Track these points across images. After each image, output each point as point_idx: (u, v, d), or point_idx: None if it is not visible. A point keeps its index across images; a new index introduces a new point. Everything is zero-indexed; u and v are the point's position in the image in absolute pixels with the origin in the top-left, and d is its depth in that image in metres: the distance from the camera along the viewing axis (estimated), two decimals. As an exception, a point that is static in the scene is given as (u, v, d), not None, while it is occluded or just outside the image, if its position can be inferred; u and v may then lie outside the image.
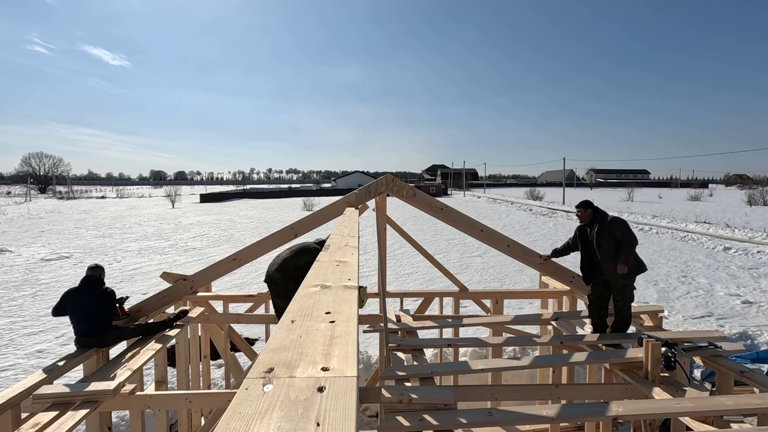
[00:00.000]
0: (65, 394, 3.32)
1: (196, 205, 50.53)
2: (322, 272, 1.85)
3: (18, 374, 7.09)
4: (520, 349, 6.86)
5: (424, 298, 6.39)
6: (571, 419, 3.21)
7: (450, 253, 17.70)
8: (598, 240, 4.63)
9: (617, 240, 4.54)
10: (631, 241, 4.52)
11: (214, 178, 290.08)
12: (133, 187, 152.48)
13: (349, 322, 1.21)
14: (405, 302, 6.39)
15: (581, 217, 4.81)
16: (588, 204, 4.81)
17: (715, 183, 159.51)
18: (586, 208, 4.78)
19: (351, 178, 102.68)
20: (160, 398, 4.06)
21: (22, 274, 14.43)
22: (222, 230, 26.07)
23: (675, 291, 12.16)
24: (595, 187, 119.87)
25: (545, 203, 50.58)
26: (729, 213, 36.69)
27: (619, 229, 4.56)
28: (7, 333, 9.00)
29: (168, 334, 4.75)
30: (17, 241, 21.75)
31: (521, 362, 4.14)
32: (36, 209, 43.48)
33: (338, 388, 0.83)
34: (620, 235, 4.53)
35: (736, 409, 2.96)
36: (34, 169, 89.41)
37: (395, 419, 2.76)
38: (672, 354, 3.75)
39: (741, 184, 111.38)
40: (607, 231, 4.59)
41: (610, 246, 4.56)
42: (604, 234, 4.60)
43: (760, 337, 8.16)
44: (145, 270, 15.03)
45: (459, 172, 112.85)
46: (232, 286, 12.45)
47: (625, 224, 4.63)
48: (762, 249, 18.17)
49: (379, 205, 5.73)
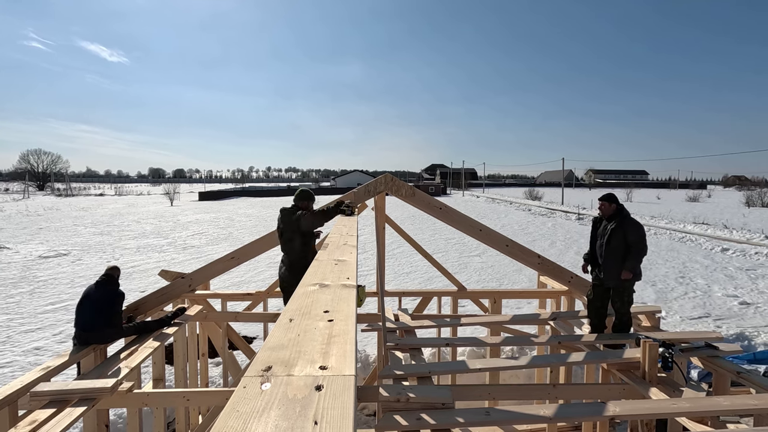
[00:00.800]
0: (63, 391, 3.31)
1: (195, 203, 50.47)
2: (321, 271, 1.85)
3: (15, 371, 7.08)
4: (518, 349, 6.87)
5: (422, 298, 6.40)
6: (568, 419, 3.22)
7: (449, 253, 17.71)
8: (610, 236, 4.53)
9: (629, 243, 4.45)
10: (641, 250, 4.44)
11: (213, 176, 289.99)
12: (132, 184, 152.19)
13: (347, 321, 1.21)
14: (403, 301, 6.39)
15: (604, 210, 4.67)
16: (613, 198, 4.67)
17: (714, 184, 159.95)
18: (611, 202, 4.64)
19: (350, 177, 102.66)
20: (158, 396, 4.06)
21: (19, 271, 14.40)
22: (221, 228, 26.04)
23: (673, 292, 12.19)
24: (594, 187, 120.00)
25: (544, 203, 50.63)
26: (727, 214, 36.77)
27: (635, 234, 4.46)
28: (4, 330, 8.98)
29: (166, 332, 4.74)
30: (15, 238, 21.70)
31: (519, 362, 4.15)
32: (34, 206, 43.39)
33: (336, 387, 0.83)
34: (634, 241, 4.44)
35: (733, 409, 2.97)
36: (33, 166, 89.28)
37: (393, 418, 2.76)
38: (669, 354, 3.76)
39: (739, 186, 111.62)
40: (623, 231, 4.48)
41: (620, 245, 4.47)
42: (618, 232, 4.50)
43: (757, 338, 8.18)
44: (143, 268, 15.01)
45: (458, 171, 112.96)
46: (231, 285, 12.45)
47: (643, 232, 4.52)
48: (760, 250, 18.22)
49: (378, 204, 5.73)
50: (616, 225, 4.53)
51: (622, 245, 4.48)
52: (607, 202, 4.67)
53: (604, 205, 4.67)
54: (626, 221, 4.54)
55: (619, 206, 4.65)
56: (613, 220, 4.59)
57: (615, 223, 4.55)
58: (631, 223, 4.54)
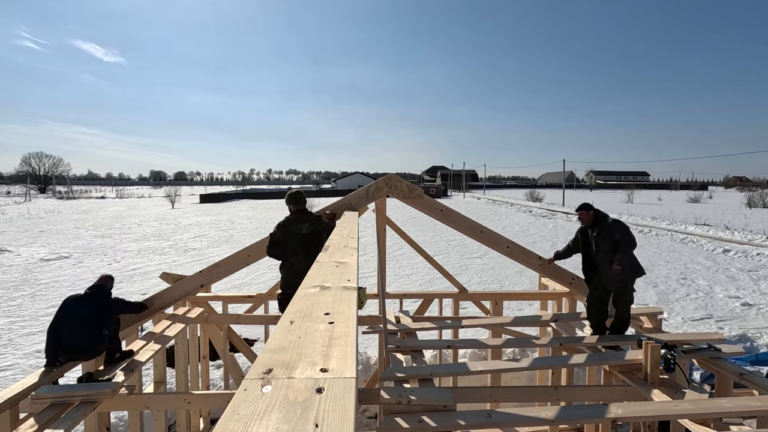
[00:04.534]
0: (64, 394, 3.31)
1: (196, 206, 50.51)
2: (322, 273, 1.85)
3: (17, 374, 7.08)
4: (520, 351, 6.86)
5: (423, 300, 6.39)
6: (570, 421, 3.21)
7: (450, 255, 17.70)
8: (598, 242, 4.67)
9: (616, 242, 4.57)
10: (629, 243, 4.54)
11: (214, 178, 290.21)
12: (133, 187, 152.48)
13: (348, 323, 1.21)
14: (404, 303, 6.38)
15: (583, 219, 4.84)
16: (589, 206, 4.85)
17: (715, 185, 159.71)
18: (587, 210, 4.82)
19: (351, 179, 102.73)
20: (159, 399, 4.06)
21: (21, 274, 14.41)
22: (222, 231, 26.05)
23: (674, 293, 12.16)
24: (595, 188, 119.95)
25: (545, 205, 50.58)
26: (728, 215, 36.69)
27: (618, 232, 4.59)
28: (6, 333, 8.98)
29: (167, 335, 4.74)
30: (17, 240, 21.73)
31: (520, 364, 4.14)
32: (35, 209, 43.45)
33: (337, 390, 0.83)
34: (619, 237, 4.56)
35: (736, 411, 2.96)
36: (34, 169, 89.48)
37: (394, 421, 2.75)
38: (671, 356, 3.75)
39: (740, 186, 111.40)
40: (607, 233, 4.62)
41: (610, 248, 4.59)
42: (604, 236, 4.63)
43: (759, 340, 8.16)
44: (144, 270, 15.01)
45: (459, 173, 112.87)
46: (232, 287, 12.44)
47: (625, 227, 4.67)
48: (761, 251, 18.17)
49: (379, 206, 5.73)
50: (599, 231, 4.68)
51: (612, 246, 4.59)
52: (584, 211, 4.82)
53: (583, 214, 4.83)
54: (606, 224, 4.68)
55: (595, 211, 4.82)
56: (596, 228, 4.73)
57: (598, 228, 4.70)
58: (612, 224, 4.67)
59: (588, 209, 4.82)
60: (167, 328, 4.91)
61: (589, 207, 4.84)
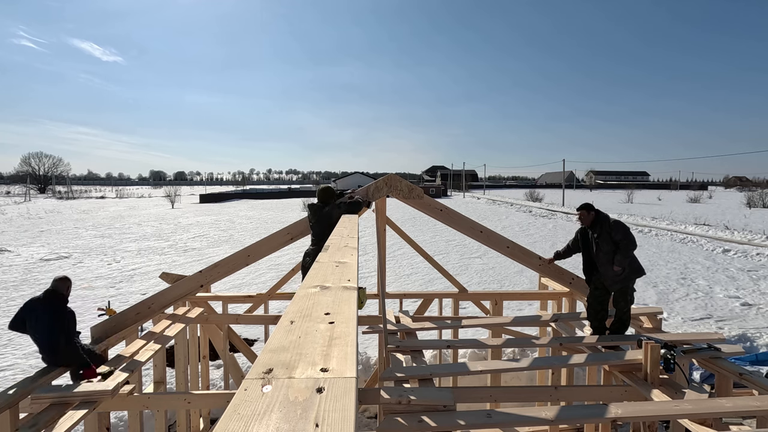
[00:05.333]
0: (64, 394, 3.31)
1: (196, 206, 50.51)
2: (322, 273, 1.85)
3: (17, 374, 7.08)
4: (520, 351, 6.86)
5: (423, 300, 6.39)
6: (570, 421, 3.21)
7: (449, 254, 17.70)
8: (599, 242, 4.65)
9: (616, 243, 4.55)
10: (629, 244, 4.53)
11: (214, 178, 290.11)
12: (133, 187, 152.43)
13: (348, 323, 1.21)
14: (404, 303, 6.38)
15: (583, 219, 4.81)
16: (589, 207, 4.82)
17: (715, 185, 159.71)
18: (588, 210, 4.78)
19: (351, 179, 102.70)
20: (159, 399, 4.05)
21: (21, 274, 14.42)
22: (221, 231, 26.05)
23: (674, 293, 12.16)
24: (595, 188, 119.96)
25: (545, 205, 50.58)
26: (728, 215, 36.71)
27: (618, 233, 4.57)
28: (6, 333, 8.97)
29: (167, 334, 4.74)
30: (16, 240, 21.72)
31: (520, 364, 4.14)
32: (35, 209, 43.45)
33: (337, 389, 0.83)
34: (620, 238, 4.55)
35: (735, 411, 2.96)
36: (34, 169, 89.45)
37: (394, 420, 2.75)
38: (671, 356, 3.75)
39: (740, 186, 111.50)
40: (608, 234, 4.60)
41: (610, 249, 4.58)
42: (604, 237, 4.61)
43: (759, 339, 8.16)
44: (144, 270, 15.02)
45: (458, 173, 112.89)
46: (232, 287, 12.44)
47: (626, 228, 4.65)
48: (761, 251, 18.19)
49: (379, 206, 5.73)
50: (600, 232, 4.66)
51: (612, 247, 4.58)
52: (585, 211, 4.80)
53: (583, 214, 4.81)
54: (606, 225, 4.66)
55: (595, 212, 4.79)
56: (596, 227, 4.70)
57: (598, 232, 4.67)
58: (612, 225, 4.65)
59: (588, 210, 4.79)
60: (167, 328, 4.92)
61: (590, 207, 4.81)
